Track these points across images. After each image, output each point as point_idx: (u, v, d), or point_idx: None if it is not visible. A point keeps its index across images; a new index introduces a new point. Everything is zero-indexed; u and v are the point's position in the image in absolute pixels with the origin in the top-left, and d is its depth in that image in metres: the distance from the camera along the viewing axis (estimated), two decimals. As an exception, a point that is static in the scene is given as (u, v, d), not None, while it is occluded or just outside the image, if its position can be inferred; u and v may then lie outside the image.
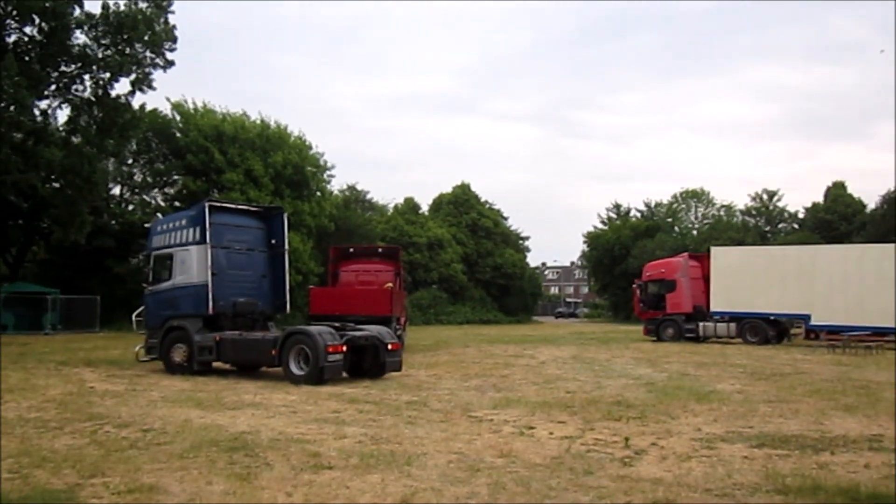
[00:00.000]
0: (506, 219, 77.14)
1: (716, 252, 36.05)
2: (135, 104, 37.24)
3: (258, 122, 49.42)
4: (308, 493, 7.06)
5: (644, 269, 39.28)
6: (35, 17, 33.08)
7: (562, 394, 14.78)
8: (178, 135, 46.80)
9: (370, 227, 62.53)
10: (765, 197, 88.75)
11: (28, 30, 33.84)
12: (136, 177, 48.35)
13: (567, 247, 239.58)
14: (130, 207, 47.50)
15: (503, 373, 19.16)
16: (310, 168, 50.75)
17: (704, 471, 8.11)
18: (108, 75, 35.26)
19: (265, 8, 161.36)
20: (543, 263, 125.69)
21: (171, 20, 36.17)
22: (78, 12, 34.30)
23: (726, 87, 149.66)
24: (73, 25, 34.30)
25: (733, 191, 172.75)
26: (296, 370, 16.11)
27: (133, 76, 35.32)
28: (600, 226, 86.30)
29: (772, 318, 33.15)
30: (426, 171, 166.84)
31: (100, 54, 35.14)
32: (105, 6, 34.54)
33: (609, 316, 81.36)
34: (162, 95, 76.38)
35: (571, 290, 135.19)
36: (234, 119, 48.18)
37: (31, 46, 34.02)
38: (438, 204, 73.19)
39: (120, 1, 34.83)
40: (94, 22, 34.65)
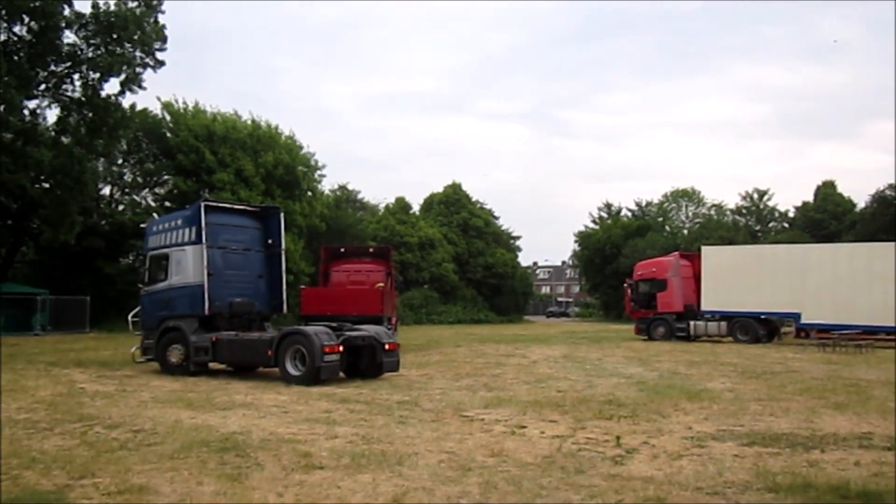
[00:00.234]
0: (497, 218, 77.26)
1: (706, 251, 36.16)
2: (125, 104, 37.10)
3: (249, 121, 49.37)
4: (299, 493, 7.05)
5: (635, 269, 39.33)
6: (24, 16, 32.85)
7: (553, 393, 14.79)
8: (169, 135, 46.62)
9: (361, 226, 62.51)
10: (755, 196, 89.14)
11: (17, 29, 33.60)
12: (126, 177, 48.16)
13: (558, 246, 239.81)
14: (120, 208, 47.31)
15: (494, 372, 19.16)
16: (301, 168, 50.67)
17: (695, 469, 8.12)
18: (98, 75, 35.05)
19: (256, 8, 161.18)
20: (535, 263, 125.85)
21: (162, 20, 36.03)
22: (67, 12, 34.05)
23: (716, 86, 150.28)
24: (62, 25, 34.07)
25: (724, 190, 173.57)
26: (292, 371, 16.03)
27: (123, 76, 35.14)
28: (591, 225, 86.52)
29: (762, 316, 33.26)
30: (417, 171, 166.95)
31: (89, 54, 34.92)
32: (95, 6, 34.33)
33: (600, 315, 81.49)
34: (152, 95, 76.15)
35: (563, 289, 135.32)
36: (225, 119, 48.06)
37: (19, 46, 33.78)
38: (429, 203, 73.18)
39: (110, 0, 34.72)
40: (84, 21, 34.42)
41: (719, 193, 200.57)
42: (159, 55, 36.05)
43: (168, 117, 47.40)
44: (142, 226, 22.00)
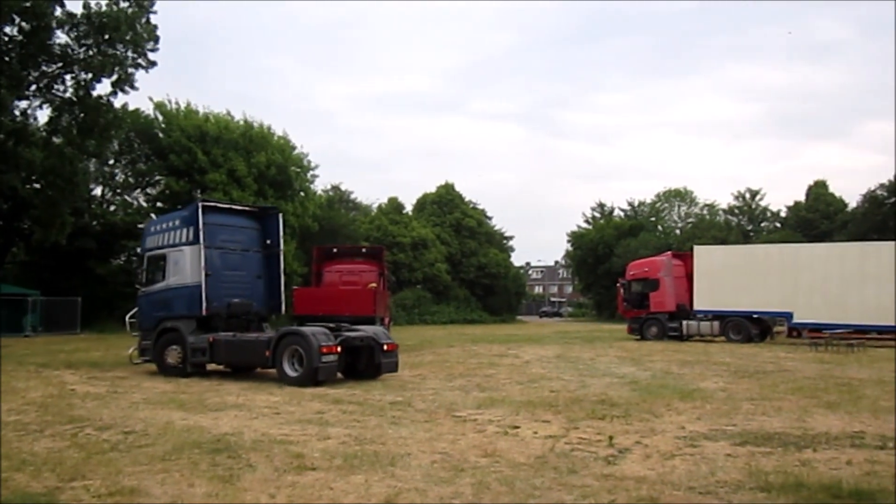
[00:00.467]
0: (490, 218, 77.33)
1: (699, 251, 36.23)
2: (117, 104, 37.04)
3: (241, 122, 49.29)
4: (291, 494, 7.02)
5: (628, 268, 39.37)
6: (15, 16, 32.76)
7: (546, 393, 14.79)
8: (161, 135, 46.54)
9: (354, 227, 62.49)
10: (747, 196, 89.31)
11: (8, 29, 33.52)
12: (117, 177, 48.11)
13: (551, 246, 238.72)
14: (112, 208, 47.22)
15: (487, 372, 19.15)
16: (293, 168, 50.65)
17: (688, 469, 8.13)
18: (90, 75, 34.99)
19: (249, 7, 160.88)
20: (528, 263, 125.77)
21: (154, 20, 35.98)
22: (59, 12, 33.98)
23: (709, 86, 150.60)
24: (53, 25, 33.99)
25: (716, 190, 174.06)
26: (290, 371, 15.97)
27: (115, 76, 35.06)
28: (584, 225, 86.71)
29: (755, 316, 33.35)
30: (410, 171, 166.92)
31: (81, 54, 34.83)
32: (86, 6, 34.25)
33: (593, 315, 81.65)
34: (144, 95, 76.06)
35: (556, 289, 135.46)
36: (218, 119, 48.01)
37: (11, 46, 33.68)
38: (422, 204, 73.16)
39: (101, 1, 34.63)
40: (76, 22, 34.33)
41: (712, 193, 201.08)
42: (151, 55, 36.05)
43: (160, 117, 47.32)
44: (139, 226, 21.96)
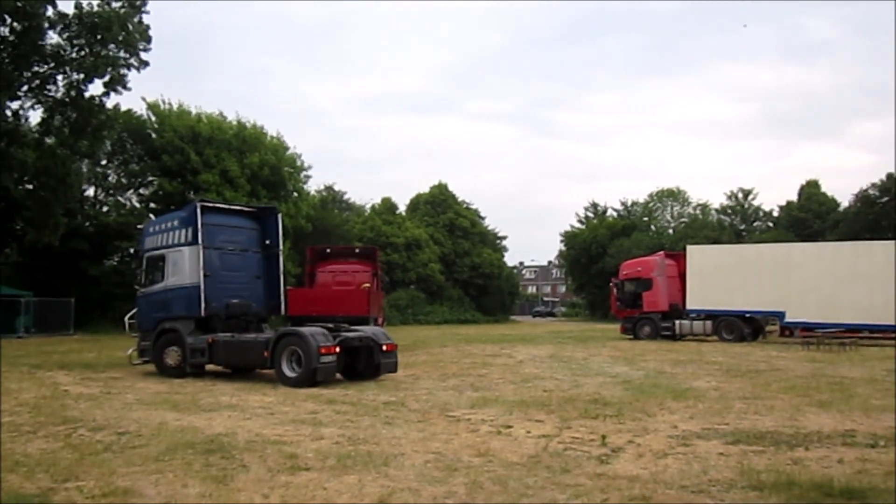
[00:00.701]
0: (483, 218, 77.37)
1: (691, 250, 36.30)
2: (109, 105, 36.99)
3: (234, 122, 49.20)
4: (285, 494, 7.03)
5: (621, 268, 39.43)
6: (6, 16, 32.68)
7: (539, 392, 14.81)
8: (154, 136, 46.44)
9: (347, 227, 62.47)
10: (740, 196, 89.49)
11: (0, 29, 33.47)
12: (110, 178, 48.04)
13: (544, 246, 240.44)
14: (105, 209, 47.14)
15: (481, 372, 19.17)
16: (286, 168, 50.59)
17: (680, 468, 8.16)
18: (82, 76, 34.91)
19: (242, 8, 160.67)
20: (521, 263, 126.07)
21: (146, 20, 35.93)
22: (51, 12, 33.93)
23: (701, 86, 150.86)
24: (45, 25, 33.92)
25: (709, 190, 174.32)
26: (288, 372, 15.92)
27: (107, 77, 34.99)
28: (577, 225, 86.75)
29: (747, 315, 33.43)
30: (403, 171, 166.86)
31: (73, 54, 34.78)
32: (78, 6, 34.19)
33: (586, 315, 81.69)
34: (137, 96, 76.09)
35: (549, 289, 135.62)
36: (210, 119, 47.90)
37: (2, 46, 33.60)
38: (416, 204, 73.18)
39: (93, 1, 34.54)
40: (67, 22, 34.27)
41: (704, 193, 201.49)
42: (144, 55, 35.98)
43: (153, 118, 47.21)
44: (138, 227, 21.88)
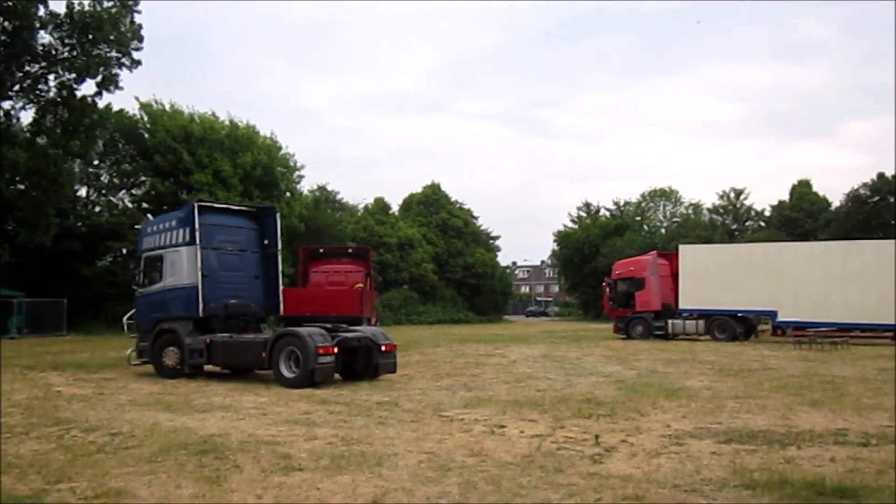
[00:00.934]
0: (476, 218, 77.33)
1: (684, 250, 36.35)
2: (101, 104, 36.88)
3: (227, 122, 49.13)
4: (278, 495, 7.02)
5: (613, 268, 39.47)
6: (-3, 16, 32.61)
7: (532, 392, 14.83)
8: (146, 135, 46.37)
9: (340, 227, 62.36)
10: (732, 195, 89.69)
11: (-10, 29, 33.36)
12: (102, 178, 47.83)
13: (537, 246, 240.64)
14: (97, 209, 46.98)
15: (474, 372, 19.19)
16: (279, 168, 50.53)
17: (673, 467, 8.18)
18: (74, 75, 34.82)
19: (234, 8, 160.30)
20: (514, 263, 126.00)
21: (138, 20, 35.86)
22: (42, 12, 33.84)
23: (693, 86, 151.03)
24: (37, 25, 33.81)
25: (701, 189, 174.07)
26: (286, 373, 15.87)
27: (99, 76, 34.90)
28: (570, 225, 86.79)
29: (739, 314, 33.51)
30: (396, 171, 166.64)
31: (65, 54, 34.70)
32: (70, 5, 34.11)
33: (579, 314, 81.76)
34: (129, 95, 75.76)
35: (542, 288, 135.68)
36: (203, 119, 47.85)
37: (-7, 46, 33.53)
38: (409, 204, 73.14)
39: (85, 0, 34.46)
40: (59, 21, 34.19)
41: (697, 193, 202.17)
42: (136, 55, 35.90)
43: (145, 118, 47.13)
44: (136, 227, 21.81)
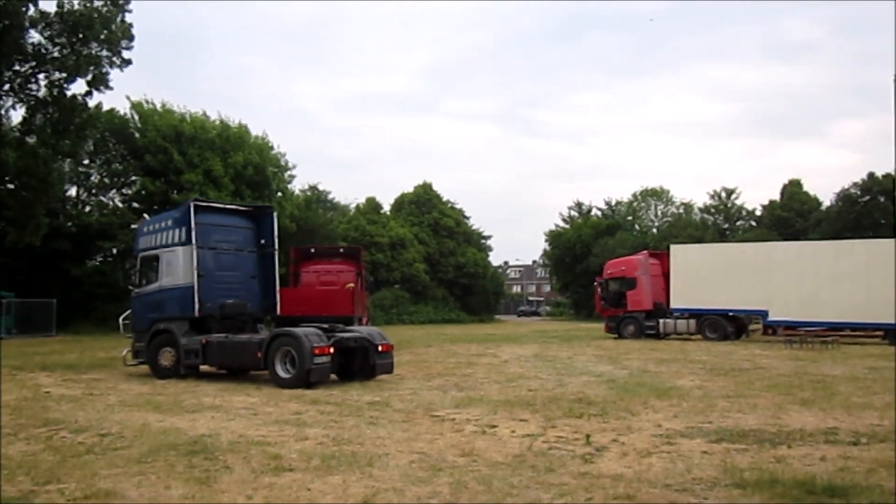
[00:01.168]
0: (468, 218, 77.40)
1: (675, 250, 36.44)
2: (91, 104, 36.72)
3: (218, 122, 49.00)
4: (268, 495, 6.99)
5: (605, 267, 39.54)
6: (-14, 15, 32.43)
7: (524, 392, 14.83)
8: (137, 135, 46.22)
9: (332, 227, 62.31)
10: (723, 195, 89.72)
11: (-21, 28, 33.17)
12: (92, 178, 47.65)
13: (529, 245, 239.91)
14: (87, 209, 46.82)
15: (465, 372, 19.18)
16: (271, 168, 50.43)
17: (664, 466, 8.18)
18: (64, 74, 34.67)
19: (226, 7, 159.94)
20: (506, 262, 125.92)
21: (129, 19, 35.74)
22: (32, 11, 33.67)
23: (684, 86, 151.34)
24: (26, 24, 33.65)
25: (692, 189, 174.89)
26: (282, 373, 15.79)
27: (89, 76, 34.76)
28: (562, 224, 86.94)
29: (730, 314, 33.60)
30: (388, 171, 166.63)
31: (55, 53, 34.54)
32: (60, 4, 33.96)
33: (571, 314, 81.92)
34: (120, 95, 75.67)
35: (534, 288, 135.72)
36: (194, 119, 47.72)
37: (-18, 45, 33.34)
38: (400, 203, 73.15)
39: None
40: (49, 20, 34.04)
41: (688, 192, 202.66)
42: (126, 54, 35.78)
43: (136, 117, 46.97)
44: (133, 227, 21.75)
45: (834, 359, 22.89)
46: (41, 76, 35.06)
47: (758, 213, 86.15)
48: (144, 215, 23.50)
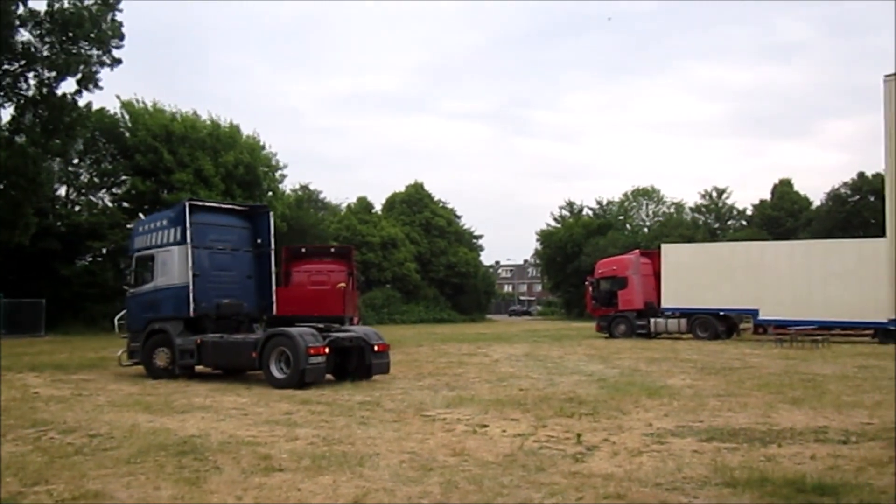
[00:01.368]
0: (459, 218, 77.41)
1: (666, 249, 36.55)
2: (81, 103, 36.54)
3: (209, 121, 48.85)
4: (258, 496, 6.97)
5: (596, 267, 39.59)
6: (-25, 13, 32.25)
7: (515, 391, 14.83)
8: (127, 134, 46.04)
9: (323, 226, 62.22)
10: (714, 194, 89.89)
11: (-32, 27, 32.98)
12: (82, 177, 47.39)
13: (520, 245, 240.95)
14: (77, 208, 46.61)
15: (456, 371, 19.18)
16: (262, 168, 50.32)
17: (655, 465, 8.18)
18: (54, 73, 34.52)
19: (217, 7, 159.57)
20: (497, 262, 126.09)
21: (119, 18, 35.59)
22: (21, 9, 33.49)
23: (675, 86, 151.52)
24: (16, 23, 33.49)
25: (683, 189, 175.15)
26: (277, 373, 15.74)
27: (79, 75, 34.61)
28: (553, 224, 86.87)
29: (721, 313, 33.70)
30: (379, 171, 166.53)
31: (45, 52, 34.38)
32: (50, 3, 33.79)
33: (562, 313, 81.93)
34: (110, 94, 75.43)
35: (525, 288, 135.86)
36: (184, 118, 47.55)
37: (-29, 44, 33.16)
38: (391, 203, 73.10)
39: (65, -2, 34.17)
40: (39, 19, 33.86)
41: (679, 192, 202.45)
42: (116, 53, 35.63)
43: (126, 116, 46.79)
44: (128, 226, 21.68)
45: (824, 358, 22.97)
46: (31, 75, 34.88)
47: (748, 212, 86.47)
48: (140, 215, 23.44)
